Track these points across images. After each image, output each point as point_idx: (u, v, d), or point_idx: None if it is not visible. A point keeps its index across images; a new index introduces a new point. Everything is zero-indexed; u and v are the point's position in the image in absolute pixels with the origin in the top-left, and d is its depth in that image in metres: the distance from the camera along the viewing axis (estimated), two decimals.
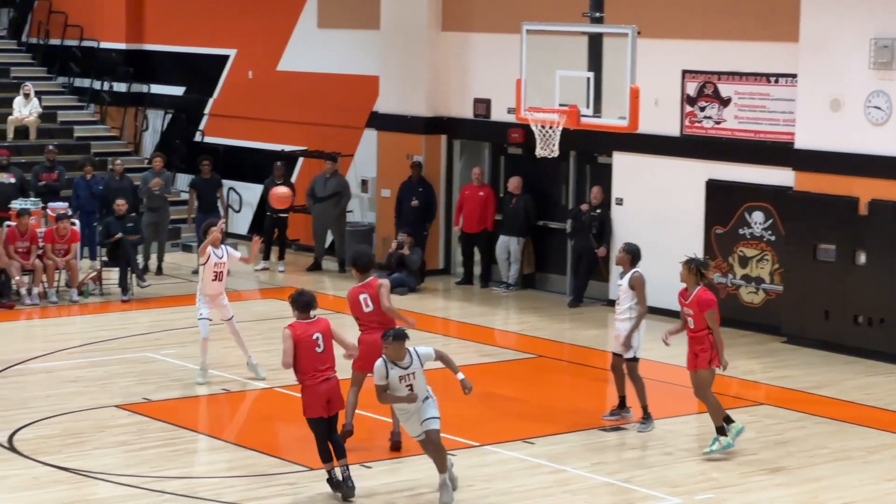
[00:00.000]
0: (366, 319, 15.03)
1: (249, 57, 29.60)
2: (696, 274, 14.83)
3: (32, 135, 29.40)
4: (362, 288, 15.05)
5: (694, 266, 14.84)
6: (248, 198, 28.38)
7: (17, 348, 19.70)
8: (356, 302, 15.02)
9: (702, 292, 14.78)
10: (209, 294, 18.03)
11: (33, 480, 14.03)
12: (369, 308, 14.98)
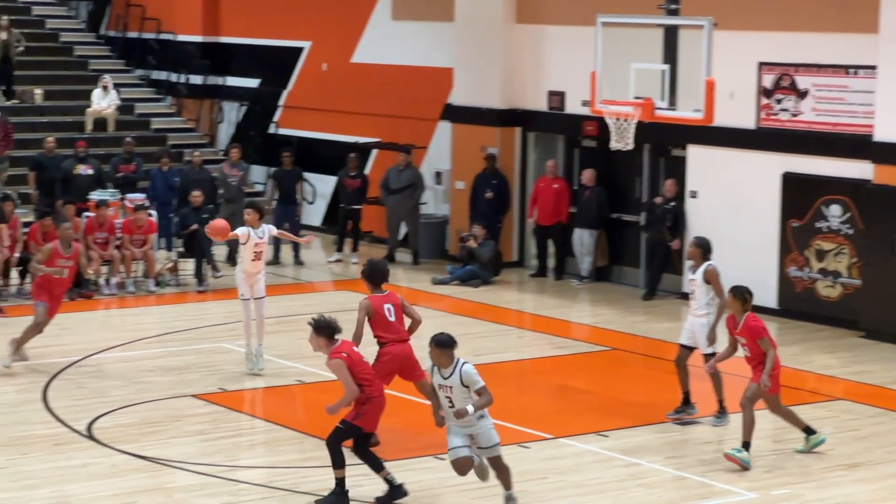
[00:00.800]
0: (387, 331, 14.82)
1: (324, 49, 29.71)
2: (741, 301, 14.44)
3: (111, 127, 29.70)
4: (384, 298, 14.88)
5: (739, 293, 14.46)
6: (322, 189, 28.49)
7: (96, 338, 19.89)
8: (380, 311, 14.76)
9: (750, 320, 14.39)
10: (249, 272, 18.03)
11: (112, 468, 14.18)
12: (393, 318, 14.78)
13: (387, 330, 14.73)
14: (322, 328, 12.92)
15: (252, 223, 17.81)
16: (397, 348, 14.73)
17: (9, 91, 29.74)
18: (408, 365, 14.82)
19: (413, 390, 15.32)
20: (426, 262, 26.21)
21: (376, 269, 15.00)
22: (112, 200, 24.20)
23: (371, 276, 14.98)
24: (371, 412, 13.00)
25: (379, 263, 15.21)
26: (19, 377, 17.72)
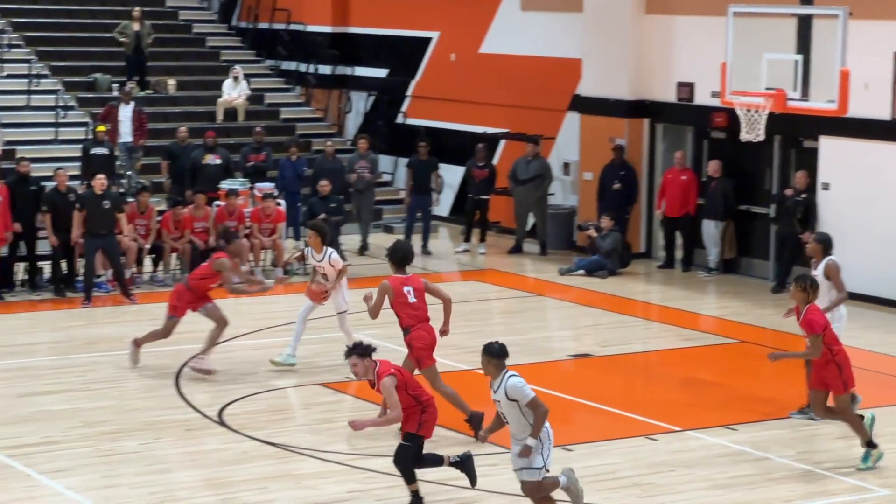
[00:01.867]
0: (409, 312, 14.88)
1: (452, 39, 29.76)
2: (802, 290, 13.94)
3: (241, 117, 30.02)
4: (405, 280, 14.98)
5: (801, 283, 13.96)
6: (450, 180, 28.53)
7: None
8: (400, 292, 14.82)
9: (808, 312, 13.87)
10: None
11: (242, 454, 14.36)
12: (413, 300, 14.87)
13: (407, 311, 14.85)
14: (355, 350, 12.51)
15: (314, 246, 17.44)
16: (423, 330, 14.93)
17: (143, 82, 30.20)
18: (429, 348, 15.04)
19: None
20: (553, 252, 26.16)
21: (397, 251, 15.17)
22: (242, 189, 24.47)
23: (392, 257, 15.15)
24: (431, 420, 12.77)
25: (402, 245, 15.41)
26: (152, 364, 17.99)
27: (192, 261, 23.06)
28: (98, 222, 21.37)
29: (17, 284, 22.19)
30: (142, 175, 27.13)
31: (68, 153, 26.60)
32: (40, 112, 28.81)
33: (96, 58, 30.98)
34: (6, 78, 29.41)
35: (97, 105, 28.72)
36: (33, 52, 30.45)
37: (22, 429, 15.05)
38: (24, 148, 26.76)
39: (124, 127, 26.92)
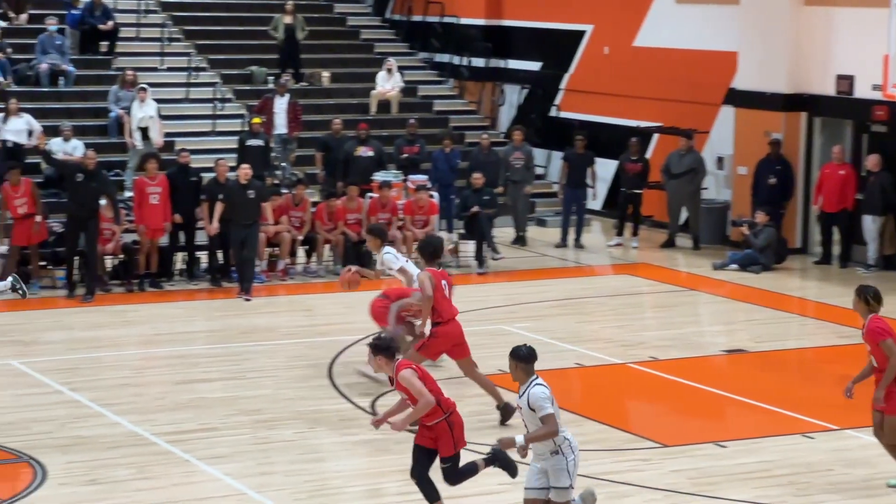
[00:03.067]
0: (446, 306, 14.93)
1: (606, 32, 29.61)
2: (864, 301, 13.12)
3: (394, 109, 30.19)
4: (441, 274, 15.05)
5: (862, 293, 13.17)
6: (603, 173, 28.36)
7: None
8: (439, 286, 14.86)
9: (872, 322, 13.06)
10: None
11: (396, 444, 14.39)
12: (448, 294, 14.97)
13: (445, 304, 14.91)
14: (382, 349, 11.81)
15: (373, 248, 17.05)
16: (451, 327, 14.98)
17: (298, 74, 30.53)
18: (458, 342, 15.10)
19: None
20: (706, 247, 25.91)
21: (428, 245, 15.29)
22: (395, 182, 24.60)
23: (423, 251, 15.29)
24: (461, 433, 12.00)
25: (433, 239, 15.55)
26: (308, 354, 18.18)
27: (344, 252, 23.28)
28: (242, 212, 21.52)
29: (175, 274, 22.58)
30: (296, 167, 27.44)
31: (225, 145, 26.99)
32: (198, 104, 29.28)
33: (253, 51, 31.39)
34: (166, 71, 29.93)
35: (253, 97, 29.10)
36: (192, 46, 30.95)
37: (181, 415, 15.31)
38: (183, 140, 27.25)
39: (279, 119, 27.23)
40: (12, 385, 16.47)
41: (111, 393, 16.18)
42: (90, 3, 29.37)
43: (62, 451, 13.90)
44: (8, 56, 28.14)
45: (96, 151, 23.00)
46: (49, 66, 28.19)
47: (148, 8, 31.54)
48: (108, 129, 27.48)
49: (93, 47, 29.67)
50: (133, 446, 14.22)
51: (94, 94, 28.44)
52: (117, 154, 26.92)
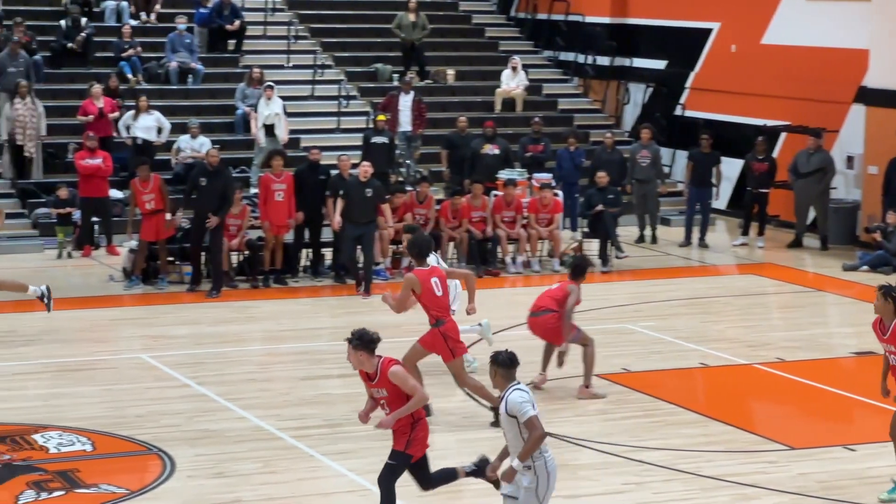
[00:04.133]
0: (437, 305, 14.72)
1: (733, 30, 29.31)
2: (893, 303, 12.56)
3: (519, 107, 30.17)
4: (430, 272, 14.79)
5: (888, 293, 12.58)
6: (729, 172, 28.09)
7: (502, 315, 20.15)
8: (428, 285, 14.62)
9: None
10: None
11: None
12: (440, 292, 14.71)
13: (436, 303, 14.70)
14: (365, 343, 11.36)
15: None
16: (453, 321, 14.87)
17: (422, 72, 30.61)
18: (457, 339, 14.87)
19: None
20: (835, 247, 25.54)
21: (415, 243, 15.02)
22: (519, 180, 24.56)
23: (411, 249, 15.08)
24: (421, 436, 11.51)
25: (420, 236, 15.36)
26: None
27: (468, 250, 23.30)
28: (359, 210, 21.55)
29: (300, 270, 22.75)
30: (420, 164, 27.51)
31: (349, 142, 27.14)
32: (324, 101, 29.49)
33: (378, 48, 31.54)
34: (292, 68, 30.17)
35: (378, 95, 29.24)
36: (318, 44, 31.18)
37: (305, 411, 15.41)
38: (308, 137, 27.45)
39: (404, 116, 27.33)
40: (142, 378, 16.69)
41: (237, 388, 16.34)
42: (219, 3, 29.71)
43: (190, 444, 14.05)
44: (139, 54, 28.55)
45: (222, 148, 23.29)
46: (178, 64, 28.58)
47: (275, 6, 31.82)
48: (235, 126, 27.80)
49: (221, 45, 30.02)
50: (259, 441, 14.34)
51: (222, 91, 28.77)
52: (243, 151, 27.22)
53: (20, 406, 15.40)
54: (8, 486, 12.68)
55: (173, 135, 25.97)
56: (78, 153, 24.40)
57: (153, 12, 30.50)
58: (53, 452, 13.72)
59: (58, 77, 28.03)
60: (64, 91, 27.63)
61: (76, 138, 25.56)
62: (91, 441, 14.12)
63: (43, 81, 27.28)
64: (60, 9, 29.37)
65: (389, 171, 25.80)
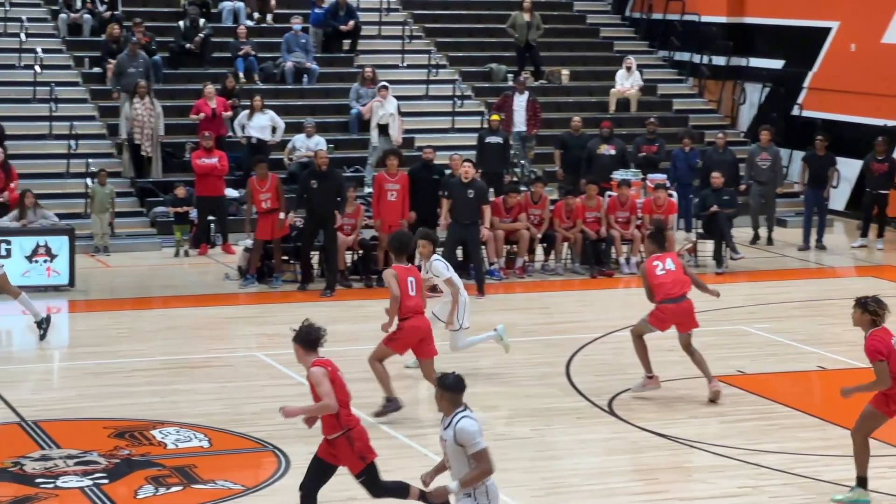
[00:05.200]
0: (406, 304, 14.75)
1: (853, 29, 28.93)
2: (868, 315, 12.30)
3: (633, 107, 30.02)
4: (408, 271, 14.90)
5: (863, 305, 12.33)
6: (847, 173, 27.73)
7: (616, 315, 20.10)
8: (404, 283, 14.70)
9: (870, 339, 12.33)
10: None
11: (632, 444, 14.34)
12: (413, 292, 14.80)
13: (407, 302, 14.75)
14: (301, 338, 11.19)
15: (424, 255, 16.05)
16: (417, 321, 14.86)
17: (537, 72, 30.56)
18: (424, 339, 14.97)
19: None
20: None
21: (395, 239, 15.20)
22: (634, 180, 24.43)
23: (391, 244, 15.28)
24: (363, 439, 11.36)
25: (401, 233, 15.39)
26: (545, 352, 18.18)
27: (583, 250, 23.22)
28: (461, 210, 21.48)
29: None
30: (534, 164, 27.47)
31: (464, 142, 27.18)
32: (438, 101, 29.55)
33: (492, 48, 31.54)
34: (407, 68, 30.28)
35: (492, 95, 29.24)
36: (433, 44, 31.24)
37: (418, 410, 15.44)
38: (422, 136, 27.53)
39: (518, 116, 27.31)
40: (257, 376, 16.83)
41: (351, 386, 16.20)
42: (334, 4, 29.89)
43: (305, 442, 14.09)
44: (254, 54, 28.81)
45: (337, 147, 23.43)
46: (294, 64, 28.79)
47: (390, 6, 31.95)
48: (349, 126, 27.94)
49: (335, 45, 30.19)
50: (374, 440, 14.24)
51: (337, 91, 28.95)
52: (358, 150, 27.35)
53: (139, 402, 15.60)
54: (127, 481, 12.84)
55: (288, 134, 26.18)
56: (194, 152, 24.70)
57: (269, 13, 30.75)
58: (171, 448, 13.89)
59: (176, 77, 28.38)
60: (182, 91, 27.97)
61: (193, 138, 25.88)
62: (208, 437, 14.27)
63: (161, 82, 27.63)
64: (179, 10, 29.75)
65: (504, 171, 25.77)
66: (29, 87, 27.40)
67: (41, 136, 26.72)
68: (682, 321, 15.80)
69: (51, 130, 26.68)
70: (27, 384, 16.47)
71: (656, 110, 29.81)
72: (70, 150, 25.98)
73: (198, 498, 12.57)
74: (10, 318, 20.27)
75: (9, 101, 27.24)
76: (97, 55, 28.32)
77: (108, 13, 28.97)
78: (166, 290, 21.74)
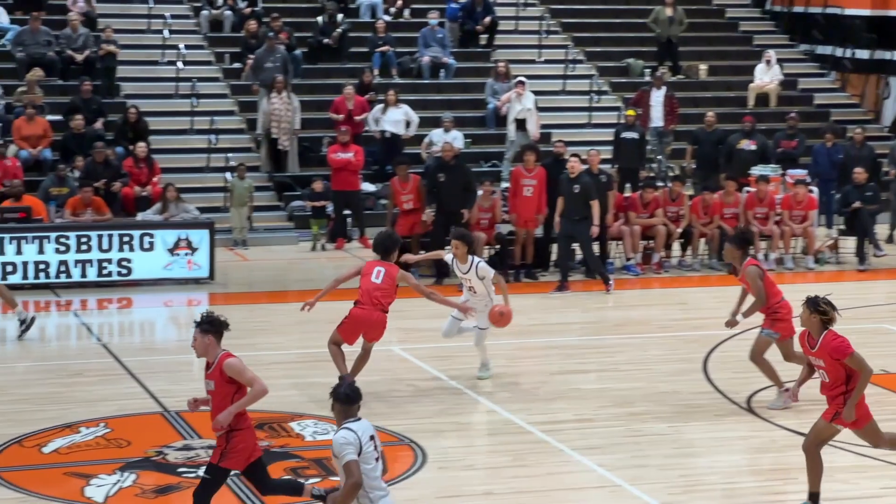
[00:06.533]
0: (365, 291, 15.08)
1: None
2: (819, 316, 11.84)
3: (772, 102, 29.66)
4: (381, 264, 15.24)
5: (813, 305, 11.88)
6: None
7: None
8: (369, 271, 15.15)
9: (830, 337, 11.82)
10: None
11: (771, 443, 14.18)
12: (378, 280, 15.08)
13: (363, 290, 15.14)
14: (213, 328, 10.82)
15: (459, 257, 15.87)
16: (360, 311, 15.13)
17: (675, 67, 30.32)
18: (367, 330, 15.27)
19: None
20: None
21: (378, 244, 15.47)
22: (773, 176, 24.14)
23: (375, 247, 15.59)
24: (241, 447, 10.89)
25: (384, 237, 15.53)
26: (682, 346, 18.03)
27: (719, 247, 22.98)
28: (568, 206, 21.20)
29: (551, 265, 22.73)
30: (671, 159, 27.28)
31: (600, 137, 27.08)
32: (575, 96, 29.46)
33: (629, 43, 31.36)
34: (544, 63, 30.22)
35: (629, 90, 29.08)
36: (570, 39, 31.15)
37: (555, 406, 15.38)
38: (559, 132, 27.46)
39: (655, 111, 27.13)
40: (393, 370, 16.91)
41: (487, 381, 16.40)
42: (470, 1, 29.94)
43: (441, 436, 14.17)
44: (393, 50, 28.95)
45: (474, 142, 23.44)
46: (430, 59, 28.87)
47: (526, 2, 31.90)
48: (486, 121, 27.95)
49: (472, 40, 30.22)
50: (509, 434, 14.38)
51: (473, 85, 28.98)
52: (495, 145, 27.36)
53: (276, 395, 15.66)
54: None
55: (425, 129, 26.25)
56: (331, 147, 24.89)
57: (406, 7, 30.88)
58: (309, 440, 14.00)
59: (313, 72, 28.61)
60: (319, 86, 28.20)
61: (330, 132, 26.06)
62: None
63: (299, 76, 27.87)
64: (317, 5, 29.99)
65: (639, 166, 25.62)
66: (171, 82, 27.83)
67: (183, 131, 27.12)
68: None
69: (192, 125, 27.07)
70: (168, 374, 16.71)
71: (796, 105, 29.44)
72: (210, 144, 26.34)
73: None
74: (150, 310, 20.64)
75: (152, 96, 27.67)
76: (237, 51, 28.66)
77: (248, 9, 29.30)
78: (303, 284, 21.90)
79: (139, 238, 21.48)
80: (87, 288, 21.17)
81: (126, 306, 20.75)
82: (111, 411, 14.90)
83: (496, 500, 12.44)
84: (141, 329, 20.26)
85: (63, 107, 25.90)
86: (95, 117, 25.70)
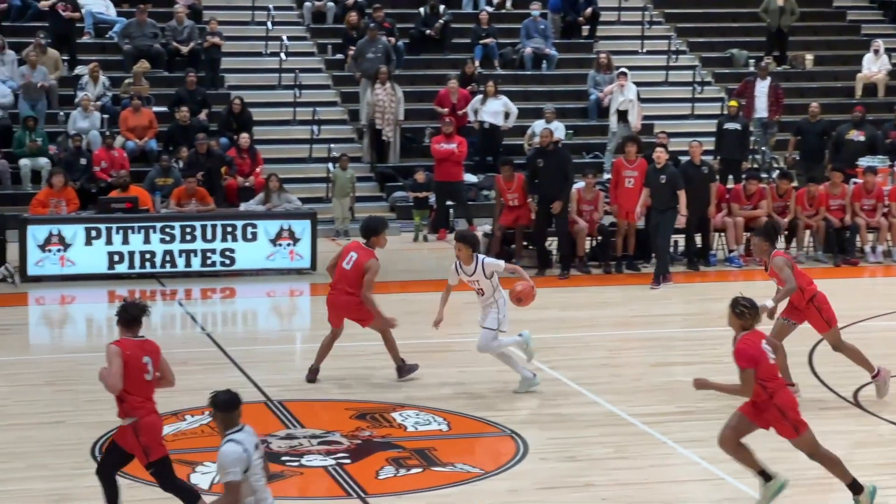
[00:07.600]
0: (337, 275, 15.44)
1: None
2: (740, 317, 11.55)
3: (881, 92, 29.27)
4: (357, 248, 15.48)
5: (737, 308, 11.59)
6: None
7: (860, 305, 19.63)
8: (344, 255, 15.45)
9: (740, 342, 11.53)
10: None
11: (879, 437, 13.99)
12: (348, 266, 15.35)
13: (336, 274, 15.50)
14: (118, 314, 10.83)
15: (462, 258, 15.25)
16: (330, 295, 15.64)
17: (780, 57, 30.01)
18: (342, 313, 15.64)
19: None
20: None
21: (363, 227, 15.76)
22: (881, 167, 23.81)
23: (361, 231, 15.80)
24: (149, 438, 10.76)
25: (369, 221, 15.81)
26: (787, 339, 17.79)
27: (826, 238, 22.74)
28: (654, 197, 21.03)
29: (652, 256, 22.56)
30: (774, 150, 27.02)
31: (703, 128, 26.88)
32: (677, 87, 29.26)
33: (734, 33, 31.09)
34: (646, 54, 30.06)
35: (733, 80, 28.84)
36: (673, 29, 30.94)
37: (657, 398, 15.29)
38: (661, 123, 27.28)
39: (760, 102, 26.89)
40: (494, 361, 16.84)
41: (589, 373, 16.36)
42: None
43: (542, 428, 14.14)
44: (495, 41, 28.92)
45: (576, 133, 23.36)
46: (532, 50, 28.81)
47: None
48: (588, 112, 27.86)
49: (574, 31, 30.12)
50: (610, 426, 14.31)
51: (575, 77, 28.89)
52: (597, 136, 27.25)
53: (379, 385, 15.80)
54: (369, 461, 13.02)
55: (527, 120, 26.20)
56: (434, 137, 24.92)
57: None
58: (411, 431, 14.03)
59: (416, 63, 28.66)
60: (421, 77, 28.26)
61: (433, 123, 26.10)
62: (447, 421, 14.37)
63: (402, 67, 27.94)
64: None
65: (742, 157, 25.39)
66: (275, 73, 28.02)
67: (285, 121, 27.31)
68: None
69: (294, 116, 27.24)
70: (271, 364, 16.82)
71: None
72: (313, 135, 26.49)
73: (437, 480, 12.67)
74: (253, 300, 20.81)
75: (256, 87, 27.89)
76: (339, 42, 28.78)
77: (350, 0, 29.41)
78: (405, 275, 21.94)
79: (242, 228, 21.65)
80: (191, 277, 21.38)
81: (229, 296, 20.94)
82: None
83: (597, 492, 12.39)
84: (244, 319, 20.43)
85: (168, 98, 26.20)
86: (200, 108, 25.97)
